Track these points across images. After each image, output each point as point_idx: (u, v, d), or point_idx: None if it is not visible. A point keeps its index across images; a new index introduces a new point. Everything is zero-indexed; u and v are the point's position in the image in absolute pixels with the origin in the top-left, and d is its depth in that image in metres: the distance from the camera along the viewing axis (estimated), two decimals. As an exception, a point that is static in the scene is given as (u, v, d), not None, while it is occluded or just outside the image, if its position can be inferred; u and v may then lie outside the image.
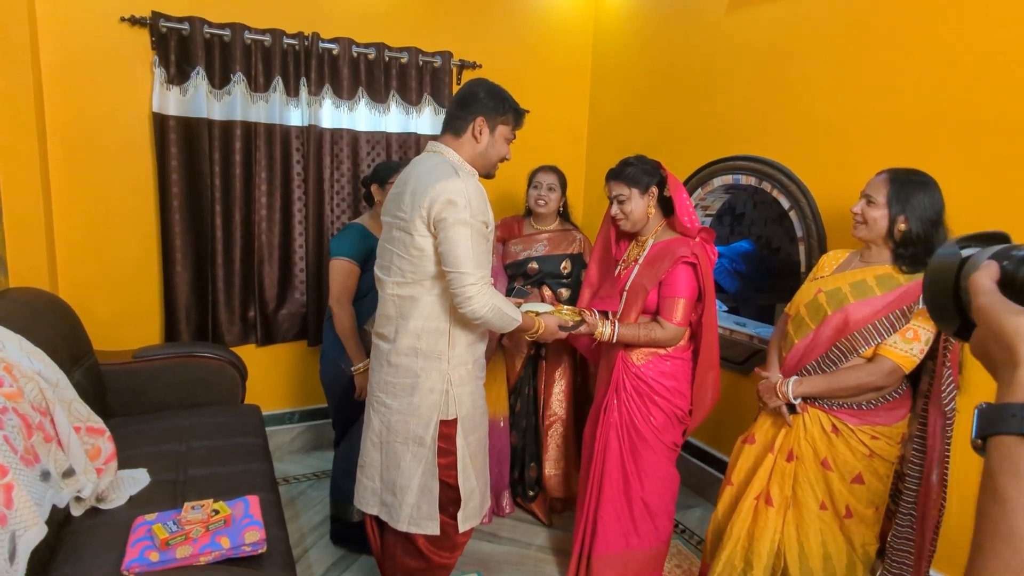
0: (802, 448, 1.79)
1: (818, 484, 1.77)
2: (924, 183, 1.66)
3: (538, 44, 3.52)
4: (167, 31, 2.63)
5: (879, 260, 1.73)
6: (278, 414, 3.17)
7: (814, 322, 1.78)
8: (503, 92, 1.73)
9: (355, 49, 2.99)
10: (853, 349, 1.69)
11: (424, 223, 1.57)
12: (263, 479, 2.00)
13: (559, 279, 2.66)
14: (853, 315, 1.68)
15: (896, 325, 1.63)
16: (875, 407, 1.71)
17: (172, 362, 2.55)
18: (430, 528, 1.69)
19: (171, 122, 2.68)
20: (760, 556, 1.83)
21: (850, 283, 1.74)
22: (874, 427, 1.71)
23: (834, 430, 1.74)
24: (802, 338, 1.81)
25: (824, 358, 1.74)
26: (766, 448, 1.88)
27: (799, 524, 1.80)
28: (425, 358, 1.64)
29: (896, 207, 1.65)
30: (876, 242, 1.73)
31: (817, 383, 1.74)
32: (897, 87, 2.08)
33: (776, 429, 1.86)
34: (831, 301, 1.74)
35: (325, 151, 2.99)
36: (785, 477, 1.82)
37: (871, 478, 1.74)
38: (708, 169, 2.82)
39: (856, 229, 1.76)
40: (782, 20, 2.50)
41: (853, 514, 1.76)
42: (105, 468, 1.81)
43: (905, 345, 1.64)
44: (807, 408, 1.79)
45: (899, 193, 1.65)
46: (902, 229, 1.65)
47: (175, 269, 2.79)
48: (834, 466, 1.74)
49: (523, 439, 2.74)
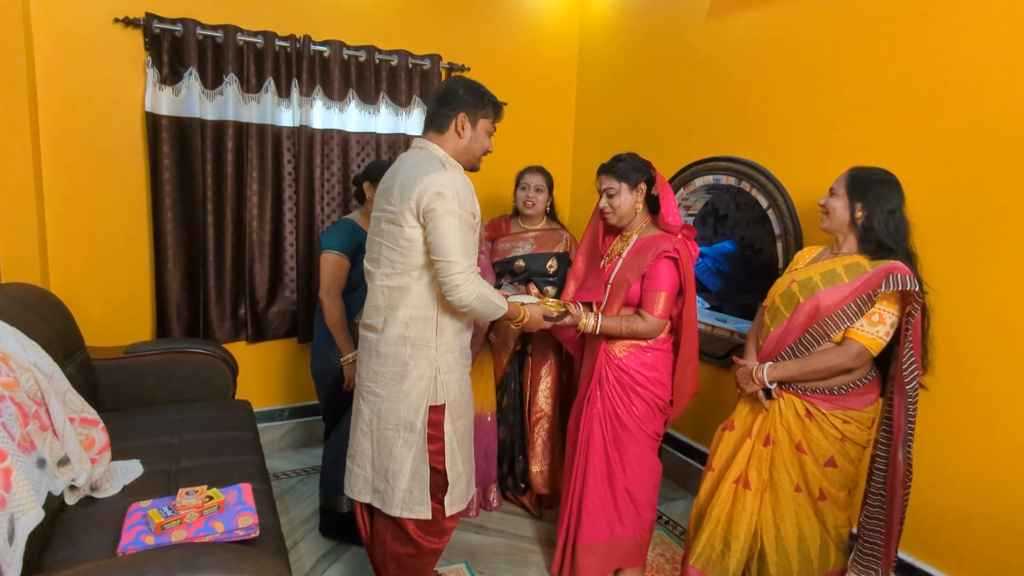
0: (778, 433, 1.87)
1: (793, 467, 1.85)
2: (883, 177, 1.79)
3: (525, 47, 3.60)
4: (160, 32, 2.67)
5: (848, 251, 1.84)
6: (268, 411, 3.20)
7: (788, 310, 1.86)
8: (481, 87, 1.80)
9: (346, 51, 3.04)
10: (824, 334, 1.77)
11: (413, 215, 1.63)
12: (255, 470, 2.04)
13: (545, 277, 2.72)
14: (824, 301, 1.77)
15: (863, 309, 1.72)
16: (846, 392, 1.79)
17: (163, 358, 2.58)
18: (422, 512, 1.74)
19: (164, 121, 2.72)
20: (738, 538, 1.91)
21: (821, 272, 1.83)
22: (845, 411, 1.79)
23: (808, 414, 1.82)
24: (777, 326, 1.89)
25: (798, 344, 1.83)
26: (744, 434, 1.95)
27: (775, 507, 1.88)
28: (414, 346, 1.69)
29: (855, 196, 1.78)
30: (841, 231, 1.85)
31: (790, 367, 1.82)
32: (869, 91, 2.17)
33: (754, 415, 1.94)
34: (803, 290, 1.83)
35: (316, 151, 3.04)
36: (762, 461, 1.90)
37: (843, 461, 1.82)
38: (690, 169, 2.90)
39: (822, 221, 1.89)
40: (760, 26, 2.59)
41: (826, 496, 1.83)
42: (99, 458, 1.85)
43: (871, 328, 1.73)
44: (782, 393, 1.87)
45: (857, 184, 1.79)
46: (860, 216, 1.78)
47: (167, 266, 2.82)
48: (808, 449, 1.82)
49: (511, 434, 2.79)
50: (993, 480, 1.87)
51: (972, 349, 1.91)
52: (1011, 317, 1.81)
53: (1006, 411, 1.84)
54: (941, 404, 1.97)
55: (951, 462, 1.97)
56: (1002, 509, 1.85)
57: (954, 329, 1.93)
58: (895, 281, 1.65)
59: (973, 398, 1.91)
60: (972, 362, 1.91)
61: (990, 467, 1.88)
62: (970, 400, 1.92)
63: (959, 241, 1.92)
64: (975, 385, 1.91)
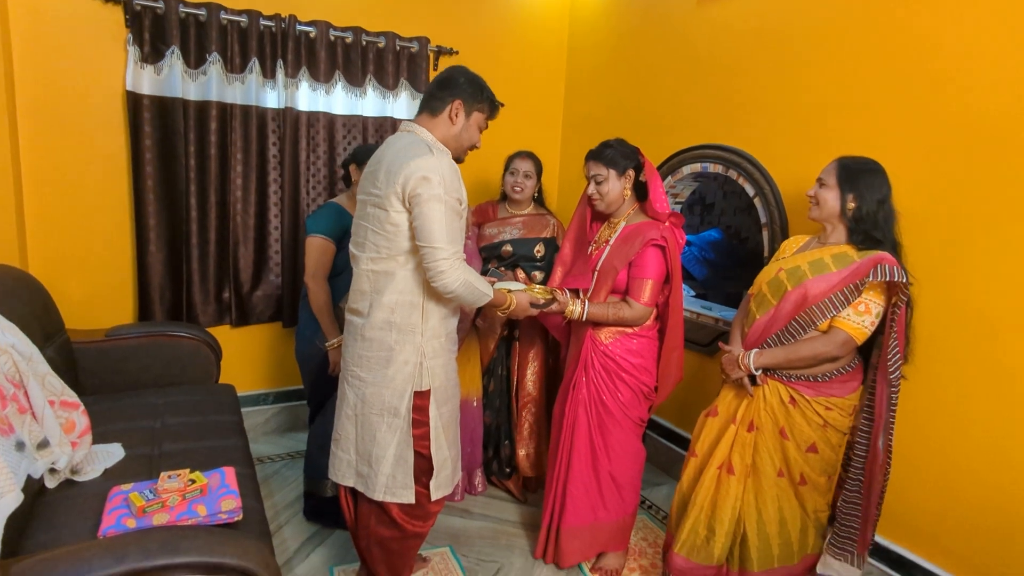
0: (762, 419, 1.89)
1: (776, 453, 1.87)
2: (871, 168, 1.80)
3: (515, 31, 3.56)
4: (141, 9, 2.61)
5: (836, 240, 1.85)
6: (253, 395, 3.18)
7: (775, 298, 1.88)
8: (482, 82, 1.81)
9: (332, 32, 3.00)
10: (811, 322, 1.79)
11: (399, 199, 1.61)
12: (239, 454, 2.03)
13: (533, 262, 2.72)
14: (811, 290, 1.78)
15: (849, 298, 1.74)
16: (830, 379, 1.81)
17: (145, 341, 2.55)
18: (405, 497, 1.75)
19: (145, 101, 2.67)
20: (722, 523, 1.93)
21: (809, 261, 1.84)
22: (828, 398, 1.82)
23: (791, 401, 1.84)
24: (764, 313, 1.90)
25: (784, 331, 1.84)
26: (728, 420, 1.97)
27: (758, 491, 1.90)
28: (399, 331, 1.69)
29: (846, 187, 1.79)
30: (830, 221, 1.85)
31: (776, 354, 1.83)
32: (857, 81, 2.17)
33: (738, 401, 1.96)
34: (791, 278, 1.85)
35: (301, 134, 3.00)
36: (746, 447, 1.92)
37: (824, 447, 1.85)
38: (678, 157, 2.90)
39: (811, 210, 1.89)
40: (750, 14, 2.58)
41: (807, 481, 1.86)
42: (79, 441, 1.83)
43: (857, 317, 1.75)
44: (767, 380, 1.88)
45: (847, 175, 1.80)
46: (852, 207, 1.78)
47: (149, 249, 2.78)
48: (791, 435, 1.84)
49: (496, 418, 2.80)
50: (966, 468, 1.91)
51: (950, 339, 1.93)
52: (990, 309, 1.83)
53: (981, 401, 1.87)
54: (919, 393, 2.00)
55: (927, 450, 2.01)
56: (975, 495, 1.89)
57: (933, 319, 1.95)
58: (883, 272, 1.67)
59: (949, 388, 1.94)
60: (949, 352, 1.93)
61: (963, 455, 1.92)
62: (946, 390, 1.95)
63: (941, 231, 1.94)
64: (952, 375, 1.94)
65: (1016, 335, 1.78)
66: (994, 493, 1.84)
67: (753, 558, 1.91)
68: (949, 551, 1.96)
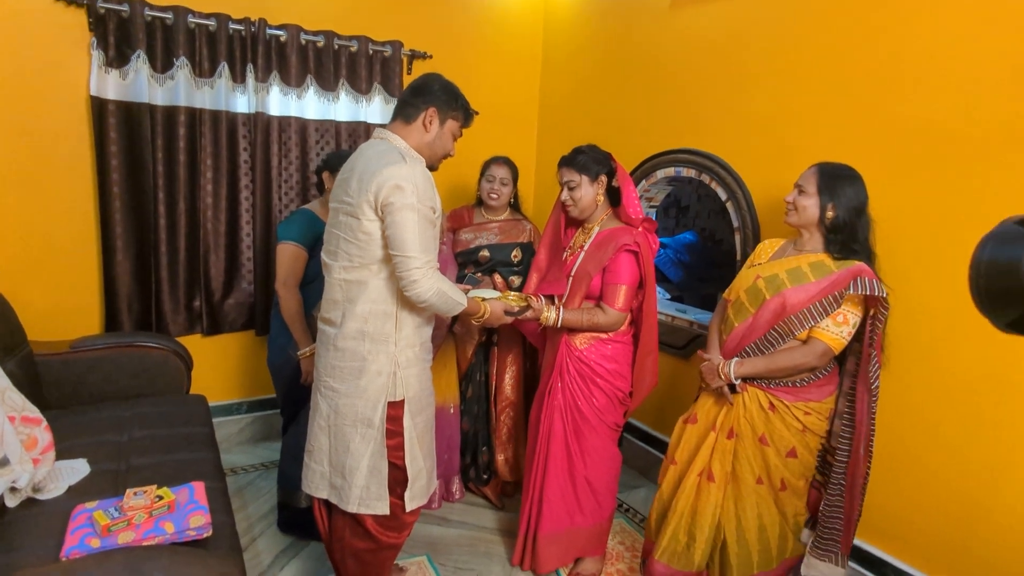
0: (741, 426, 1.89)
1: (755, 460, 1.88)
2: (851, 176, 1.80)
3: (489, 35, 3.56)
4: (105, 12, 2.55)
5: (812, 248, 1.85)
6: (226, 405, 3.13)
7: (753, 306, 1.88)
8: (457, 90, 1.80)
9: (304, 36, 2.96)
10: (789, 332, 1.79)
11: (371, 207, 1.60)
12: (209, 467, 1.99)
13: (510, 267, 2.71)
14: (790, 299, 1.79)
15: (828, 309, 1.74)
16: (807, 384, 1.83)
17: (112, 352, 2.49)
18: (380, 508, 1.72)
19: (110, 106, 2.61)
20: (703, 529, 1.93)
21: (786, 270, 1.84)
22: (807, 403, 1.83)
23: (771, 407, 1.85)
24: (742, 321, 1.90)
25: (763, 340, 1.85)
26: (708, 427, 1.97)
27: (737, 498, 1.91)
28: (372, 341, 1.67)
29: (825, 196, 1.79)
30: (808, 228, 1.85)
31: (757, 364, 1.84)
32: (827, 87, 2.20)
33: (717, 408, 1.96)
34: (769, 286, 1.85)
35: (273, 139, 2.96)
36: (726, 454, 1.92)
37: (804, 452, 1.86)
38: (652, 161, 2.92)
39: (788, 216, 1.88)
40: (722, 18, 2.61)
41: (787, 486, 1.87)
42: (42, 458, 1.77)
43: (836, 328, 1.76)
44: (746, 387, 1.89)
45: (828, 183, 1.79)
46: (831, 216, 1.78)
47: (116, 258, 2.71)
48: (771, 441, 1.85)
49: (474, 424, 2.78)
50: (934, 469, 1.94)
51: (918, 344, 1.95)
52: (958, 315, 1.84)
53: (952, 405, 1.89)
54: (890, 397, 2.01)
55: (904, 453, 2.02)
56: (948, 498, 1.91)
57: (907, 325, 1.97)
58: (862, 285, 1.68)
59: (918, 391, 1.96)
60: (916, 357, 1.96)
61: (937, 459, 1.93)
62: (915, 393, 1.97)
63: (911, 234, 1.96)
64: (921, 377, 1.97)
65: (973, 343, 1.81)
66: (957, 494, 1.88)
67: (733, 564, 1.92)
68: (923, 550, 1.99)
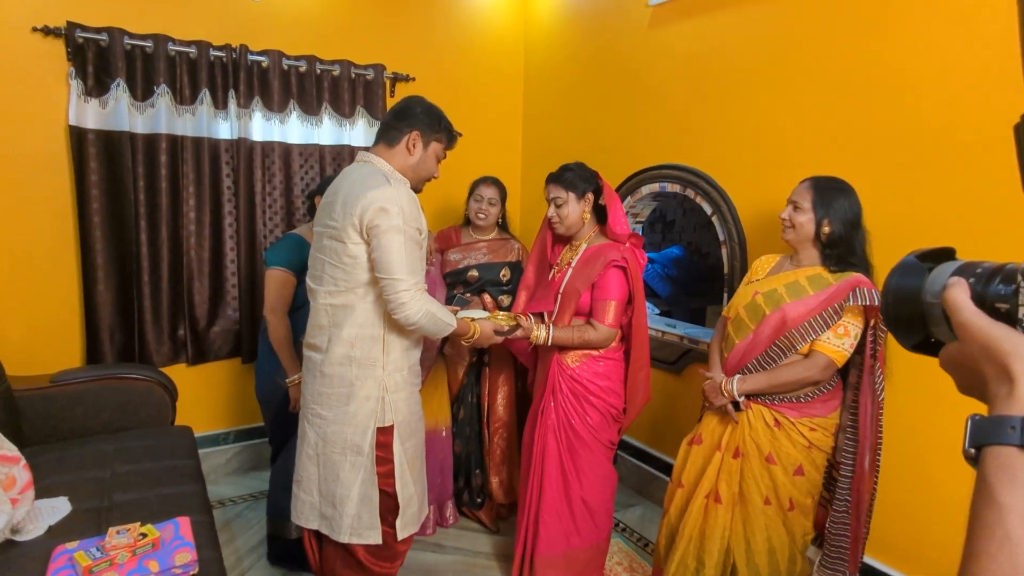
0: (747, 445, 1.85)
1: (763, 479, 1.83)
2: (844, 189, 1.79)
3: (471, 57, 3.58)
4: (84, 42, 2.54)
5: (808, 262, 1.84)
6: (212, 435, 3.06)
7: (753, 322, 1.86)
8: (440, 113, 1.81)
9: (285, 62, 2.96)
10: (791, 346, 1.77)
11: (356, 231, 1.58)
12: (195, 500, 1.94)
13: (499, 286, 2.69)
14: (790, 314, 1.77)
15: (829, 322, 1.73)
16: (811, 399, 1.80)
17: (94, 385, 2.43)
18: (372, 537, 1.69)
19: (90, 136, 2.58)
20: (711, 554, 1.88)
21: (784, 284, 1.83)
22: (812, 419, 1.80)
23: (776, 424, 1.82)
24: (743, 338, 1.88)
25: (764, 356, 1.82)
26: (713, 447, 1.93)
27: (746, 520, 1.86)
28: (359, 366, 1.64)
29: (821, 211, 1.77)
30: (804, 245, 1.83)
31: (760, 380, 1.81)
32: (806, 99, 2.23)
33: (722, 427, 1.92)
34: (768, 302, 1.83)
35: (256, 164, 2.94)
36: (732, 474, 1.87)
37: (810, 469, 1.82)
38: (636, 178, 2.94)
39: (785, 233, 1.86)
40: (700, 35, 2.64)
41: (795, 506, 1.83)
42: (20, 498, 1.72)
43: (837, 340, 1.74)
44: (750, 405, 1.85)
45: (823, 198, 1.78)
46: (827, 231, 1.77)
47: (97, 288, 2.67)
48: (777, 460, 1.81)
49: (467, 447, 2.74)
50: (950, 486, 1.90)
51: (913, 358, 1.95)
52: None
53: (961, 418, 1.85)
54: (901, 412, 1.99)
55: (912, 468, 1.99)
56: (960, 513, 1.89)
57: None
58: (862, 296, 1.67)
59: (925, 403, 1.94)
60: (929, 369, 1.96)
61: (947, 473, 1.90)
62: (923, 405, 1.94)
63: (905, 243, 1.96)
64: (927, 389, 1.93)
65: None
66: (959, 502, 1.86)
67: None
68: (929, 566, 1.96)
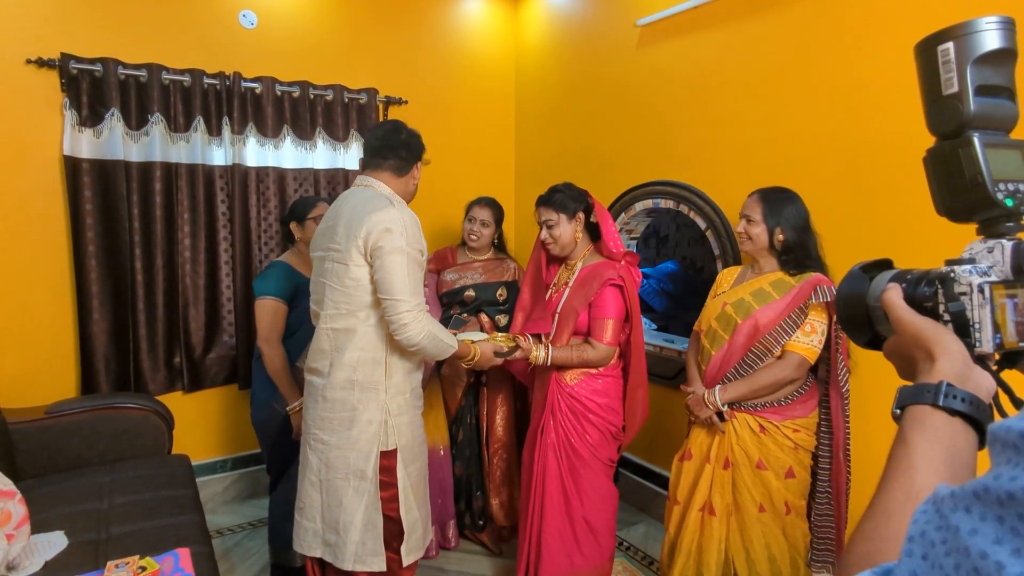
0: (736, 454, 1.89)
1: (755, 487, 1.86)
2: (790, 197, 1.89)
3: (463, 79, 3.62)
4: (78, 72, 2.55)
5: (769, 268, 1.92)
6: (209, 463, 3.03)
7: (727, 332, 1.91)
8: (419, 134, 1.87)
9: (279, 88, 2.98)
10: (767, 351, 1.84)
11: (360, 253, 1.59)
12: (194, 531, 1.91)
13: (496, 306, 2.70)
14: (761, 320, 1.84)
15: (797, 322, 1.81)
16: (792, 402, 1.86)
17: (90, 415, 2.41)
18: (376, 565, 1.67)
19: (84, 165, 2.58)
20: (709, 567, 1.90)
21: (750, 292, 1.90)
22: (795, 420, 1.86)
23: (762, 430, 1.86)
24: (718, 349, 1.94)
25: (741, 363, 1.88)
26: (703, 460, 1.96)
27: (742, 529, 1.88)
28: (362, 390, 1.64)
29: (772, 220, 1.87)
30: (762, 253, 1.92)
31: (740, 387, 1.87)
32: (790, 114, 2.28)
33: (710, 439, 1.95)
34: (738, 311, 1.90)
35: (251, 190, 2.95)
36: (724, 485, 1.91)
37: (799, 470, 1.87)
38: (630, 195, 2.96)
39: (743, 245, 1.96)
40: (688, 53, 2.69)
41: (791, 509, 1.86)
42: (16, 533, 1.69)
43: (806, 339, 1.82)
44: (735, 414, 1.90)
45: (772, 208, 1.87)
46: (781, 239, 1.86)
47: (92, 317, 2.65)
48: (768, 465, 1.85)
49: (467, 469, 2.73)
50: None
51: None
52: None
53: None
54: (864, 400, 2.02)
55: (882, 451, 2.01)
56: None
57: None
58: (823, 293, 1.77)
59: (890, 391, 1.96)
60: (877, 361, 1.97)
61: None
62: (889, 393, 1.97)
63: (871, 247, 2.01)
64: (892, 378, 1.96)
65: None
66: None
67: None
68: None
